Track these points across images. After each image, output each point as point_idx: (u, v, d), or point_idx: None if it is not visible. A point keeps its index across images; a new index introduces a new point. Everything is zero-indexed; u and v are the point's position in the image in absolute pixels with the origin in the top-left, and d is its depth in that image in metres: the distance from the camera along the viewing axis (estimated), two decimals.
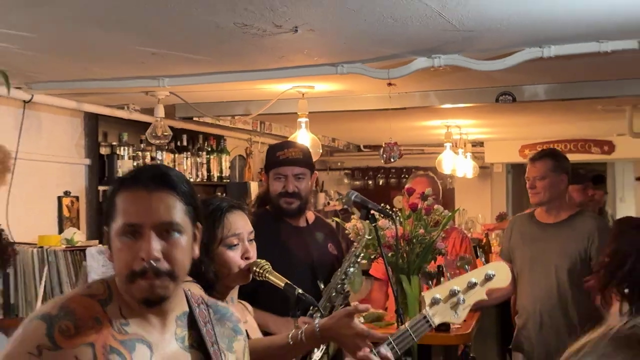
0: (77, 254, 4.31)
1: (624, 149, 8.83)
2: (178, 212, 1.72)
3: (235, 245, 2.45)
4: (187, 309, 1.90)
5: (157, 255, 1.66)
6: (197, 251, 1.84)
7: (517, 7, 2.80)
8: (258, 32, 3.17)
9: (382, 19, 2.95)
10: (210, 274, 2.47)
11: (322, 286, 3.32)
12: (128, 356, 1.69)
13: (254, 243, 2.82)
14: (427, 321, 2.47)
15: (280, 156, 3.79)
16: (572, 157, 9.28)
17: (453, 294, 2.53)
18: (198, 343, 1.88)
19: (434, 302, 2.51)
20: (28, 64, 3.85)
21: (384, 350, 2.38)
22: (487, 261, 6.24)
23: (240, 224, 2.72)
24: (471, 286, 2.57)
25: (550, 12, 2.87)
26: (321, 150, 5.36)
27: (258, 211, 3.63)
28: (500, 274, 2.66)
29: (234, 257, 2.66)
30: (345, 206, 4.80)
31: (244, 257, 2.69)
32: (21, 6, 2.79)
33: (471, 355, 4.50)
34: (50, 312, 1.66)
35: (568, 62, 3.64)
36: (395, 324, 3.61)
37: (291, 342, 2.54)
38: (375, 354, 2.35)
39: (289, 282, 2.85)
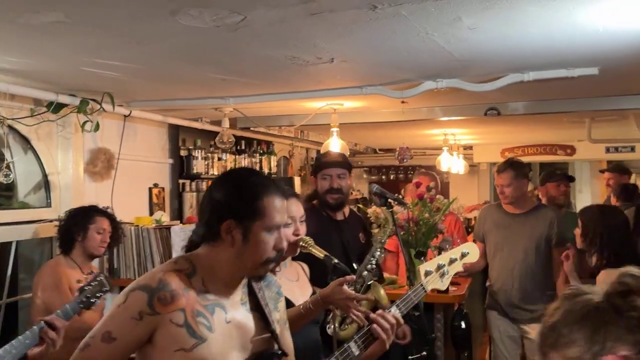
0: (163, 231, 4.42)
1: (583, 151, 8.79)
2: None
3: (289, 224, 2.36)
4: (246, 280, 1.91)
5: (285, 247, 1.83)
6: None
7: (503, 42, 2.79)
8: (302, 63, 3.20)
9: (398, 52, 2.97)
10: None
11: (356, 266, 3.27)
12: (210, 317, 1.70)
13: (304, 224, 2.81)
14: (423, 288, 2.47)
15: (327, 161, 3.76)
16: (542, 158, 9.49)
17: (440, 267, 2.54)
18: (256, 306, 1.89)
19: (427, 273, 2.51)
20: (129, 87, 3.89)
21: (394, 310, 2.28)
22: None
23: (294, 208, 2.69)
24: (452, 261, 2.59)
25: (529, 46, 2.86)
26: (348, 153, 5.31)
27: (307, 206, 3.62)
28: (472, 252, 2.69)
29: (288, 232, 2.65)
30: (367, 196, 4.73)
31: (295, 233, 2.67)
32: (132, 45, 2.80)
33: (464, 311, 4.48)
34: (150, 285, 1.65)
35: (542, 85, 3.62)
36: (406, 286, 3.79)
37: (303, 311, 2.52)
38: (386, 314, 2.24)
39: (327, 254, 2.86)
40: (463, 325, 4.45)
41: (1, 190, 3.85)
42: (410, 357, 3.45)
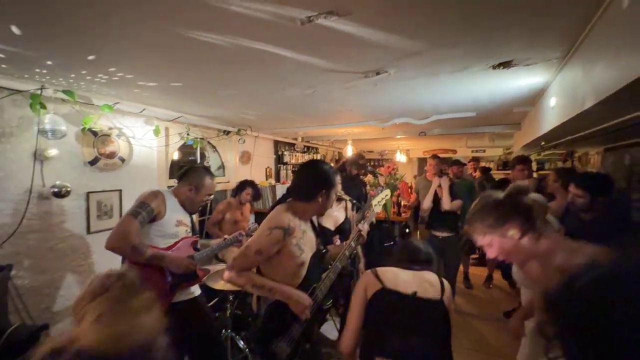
0: (272, 188, 4.41)
1: (460, 152, 8.32)
2: None
3: None
4: None
5: None
6: None
7: (433, 100, 2.64)
8: (339, 110, 3.11)
9: (383, 104, 2.84)
10: None
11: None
12: (303, 238, 1.51)
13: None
14: (373, 210, 2.09)
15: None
16: (441, 153, 9.18)
17: (378, 202, 2.17)
18: (313, 227, 1.64)
19: (374, 204, 2.15)
20: (258, 123, 3.86)
21: (361, 225, 1.81)
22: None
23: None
24: (383, 198, 2.23)
25: (445, 102, 2.73)
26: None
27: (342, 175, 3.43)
28: (388, 194, 2.28)
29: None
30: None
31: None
32: (261, 104, 2.72)
33: (407, 224, 4.40)
34: (284, 225, 1.44)
35: (452, 121, 3.43)
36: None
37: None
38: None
39: (350, 198, 2.78)
40: (407, 230, 4.46)
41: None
42: (385, 244, 3.44)
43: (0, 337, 1.53)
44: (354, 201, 2.59)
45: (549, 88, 2.21)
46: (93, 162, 2.44)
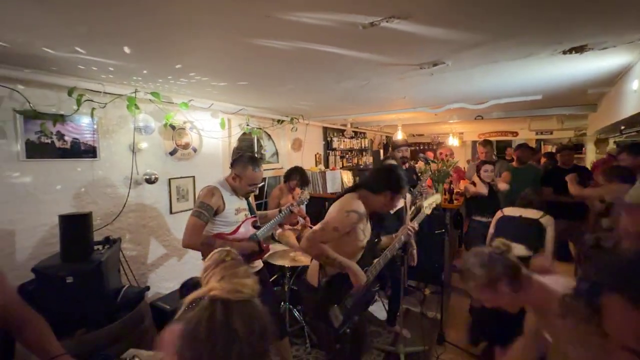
0: (322, 173, 4.48)
1: (522, 134, 7.69)
2: None
3: None
4: None
5: None
6: None
7: (489, 86, 2.53)
8: (392, 99, 3.09)
9: (436, 92, 2.78)
10: None
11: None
12: (367, 226, 1.67)
13: None
14: (424, 212, 2.11)
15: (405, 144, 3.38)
16: (498, 137, 8.53)
17: (429, 205, 2.14)
18: (370, 221, 1.77)
19: (425, 207, 2.15)
20: (310, 112, 3.98)
21: (411, 223, 1.94)
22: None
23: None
24: (434, 201, 2.18)
25: (502, 86, 2.59)
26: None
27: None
28: (437, 199, 2.22)
29: None
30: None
31: None
32: (314, 95, 2.87)
33: (460, 211, 4.25)
34: (358, 210, 1.59)
35: (513, 104, 3.22)
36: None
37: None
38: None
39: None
40: (459, 217, 4.31)
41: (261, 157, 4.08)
42: (436, 231, 3.41)
43: (118, 294, 1.94)
44: (411, 189, 2.64)
45: (632, 69, 1.99)
46: (172, 153, 2.82)
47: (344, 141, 5.75)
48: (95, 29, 1.31)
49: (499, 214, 2.67)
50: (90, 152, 2.25)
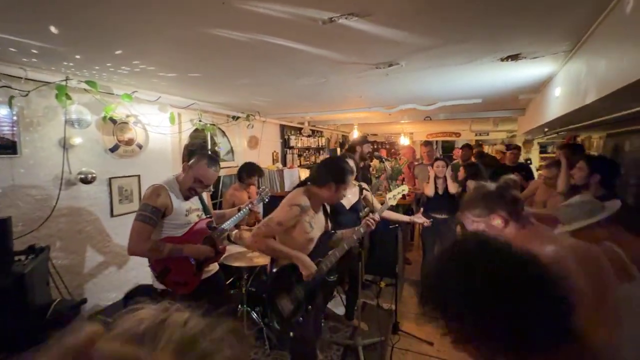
0: (279, 172, 4.43)
1: (464, 135, 8.33)
2: None
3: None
4: None
5: None
6: None
7: (437, 88, 2.70)
8: (349, 97, 3.13)
9: (390, 92, 2.89)
10: None
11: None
12: (315, 217, 1.74)
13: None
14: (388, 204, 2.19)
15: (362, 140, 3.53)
16: (443, 138, 9.15)
17: (394, 196, 2.24)
18: (325, 213, 1.86)
19: (389, 198, 2.24)
20: (267, 109, 3.90)
21: (372, 215, 1.95)
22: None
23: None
24: (400, 192, 2.30)
25: (449, 89, 2.78)
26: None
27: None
28: (405, 189, 2.35)
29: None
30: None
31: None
32: (273, 91, 2.81)
33: (412, 207, 4.48)
34: (301, 203, 1.65)
35: (457, 106, 3.46)
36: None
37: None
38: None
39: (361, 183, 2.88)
40: (410, 213, 4.57)
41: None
42: (390, 226, 3.56)
43: (47, 310, 1.70)
44: (363, 187, 2.72)
45: (555, 78, 2.27)
46: (113, 149, 2.54)
47: (301, 139, 5.72)
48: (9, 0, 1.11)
49: None
50: (8, 147, 1.93)
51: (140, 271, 2.68)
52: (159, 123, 2.91)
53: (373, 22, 1.30)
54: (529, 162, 5.36)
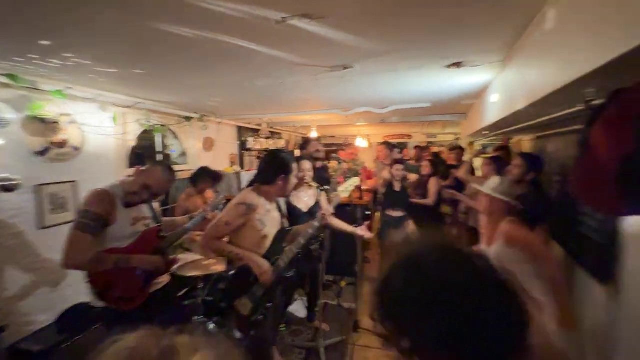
0: (237, 175, 4.36)
1: (415, 137, 8.82)
2: None
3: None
4: None
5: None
6: None
7: (391, 92, 2.80)
8: (305, 99, 3.15)
9: (346, 95, 2.95)
10: None
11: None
12: (267, 215, 1.74)
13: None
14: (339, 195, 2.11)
15: (314, 140, 3.44)
16: (398, 139, 9.61)
17: (346, 189, 2.14)
18: (278, 208, 1.85)
19: (341, 190, 2.12)
20: (222, 110, 3.77)
21: (325, 208, 1.96)
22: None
23: (307, 165, 2.50)
24: (352, 184, 2.22)
25: (401, 93, 2.89)
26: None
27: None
28: (356, 182, 2.28)
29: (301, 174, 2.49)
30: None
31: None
32: (227, 91, 2.72)
33: (369, 206, 4.61)
34: (247, 202, 1.66)
35: (409, 110, 3.62)
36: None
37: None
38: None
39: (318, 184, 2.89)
40: (368, 212, 4.69)
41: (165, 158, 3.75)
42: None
43: None
44: (322, 188, 2.72)
45: (492, 85, 2.50)
46: (43, 153, 2.26)
47: (259, 141, 5.62)
48: None
49: None
50: None
51: (77, 289, 2.39)
52: (99, 123, 2.65)
53: (326, 25, 1.32)
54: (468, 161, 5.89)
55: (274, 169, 1.73)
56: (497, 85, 2.34)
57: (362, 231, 2.32)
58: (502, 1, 1.18)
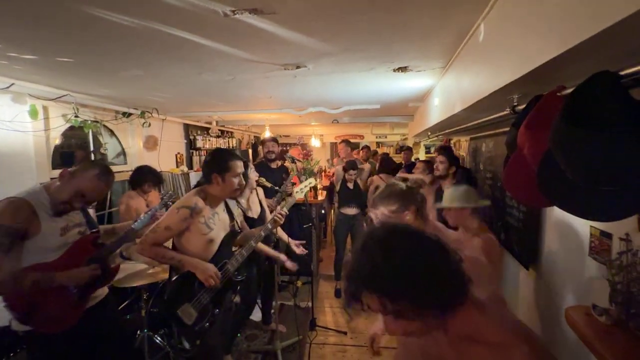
0: (185, 176, 4.13)
1: (366, 137, 9.07)
2: None
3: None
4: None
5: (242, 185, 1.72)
6: None
7: (344, 93, 2.86)
8: (258, 97, 3.09)
9: (300, 94, 2.95)
10: None
11: (278, 188, 2.96)
12: (213, 218, 1.68)
13: (256, 173, 2.57)
14: (294, 197, 2.16)
15: (267, 139, 3.45)
16: (352, 139, 9.89)
17: (301, 190, 2.25)
18: (227, 210, 1.83)
19: (295, 191, 2.22)
20: (167, 106, 3.53)
21: (279, 209, 1.96)
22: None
23: (252, 171, 2.49)
24: (307, 185, 2.31)
25: (353, 95, 2.99)
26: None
27: (259, 161, 3.46)
28: (312, 182, 2.35)
29: (252, 177, 2.48)
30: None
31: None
32: (171, 87, 2.57)
33: (324, 206, 4.67)
34: (190, 205, 1.59)
35: (360, 111, 3.71)
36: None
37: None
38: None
39: (271, 184, 2.87)
40: (323, 211, 4.77)
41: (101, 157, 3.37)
42: (304, 225, 3.66)
43: None
44: (275, 187, 2.70)
45: (434, 90, 2.69)
46: None
47: (209, 140, 5.37)
48: None
49: None
50: None
51: None
52: (12, 118, 2.28)
53: (277, 22, 1.30)
54: (417, 160, 6.30)
55: (208, 167, 1.67)
56: (438, 89, 2.53)
57: (284, 258, 2.25)
58: (442, 12, 1.27)
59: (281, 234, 2.47)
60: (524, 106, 1.16)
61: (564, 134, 0.66)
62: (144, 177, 2.81)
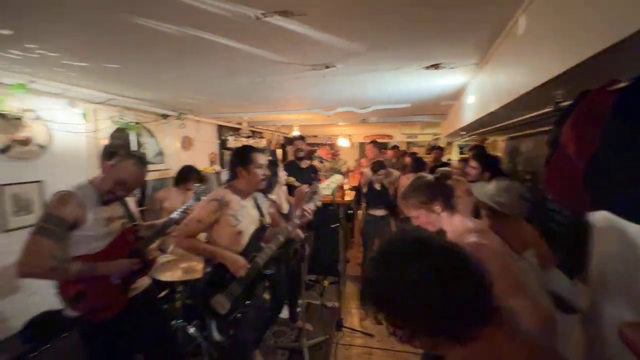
0: (217, 175, 4.28)
1: (396, 137, 8.90)
2: None
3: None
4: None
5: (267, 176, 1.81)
6: None
7: (374, 93, 2.81)
8: (287, 98, 3.12)
9: (328, 94, 2.94)
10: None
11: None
12: (241, 211, 1.73)
13: (285, 172, 2.66)
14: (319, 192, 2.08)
15: (295, 138, 3.53)
16: (380, 139, 9.73)
17: (328, 186, 2.22)
18: (256, 204, 1.86)
19: (322, 187, 2.14)
20: (201, 108, 3.68)
21: (306, 205, 1.96)
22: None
23: (281, 173, 2.58)
24: (330, 184, 2.26)
25: (381, 93, 2.93)
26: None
27: (289, 161, 3.50)
28: (338, 179, 2.34)
29: (281, 175, 2.61)
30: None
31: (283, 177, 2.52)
32: (206, 90, 2.65)
33: (351, 206, 4.65)
34: (218, 198, 1.67)
35: (389, 110, 3.66)
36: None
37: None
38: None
39: (299, 183, 2.89)
40: (350, 211, 4.76)
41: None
42: (331, 225, 3.65)
43: None
44: (296, 185, 2.70)
45: (468, 87, 2.58)
46: (4, 150, 2.11)
47: (240, 140, 5.53)
48: None
49: None
50: None
51: (43, 296, 2.25)
52: (68, 120, 2.51)
53: (307, 23, 1.31)
54: (450, 161, 6.06)
55: (233, 163, 1.78)
56: (473, 87, 2.41)
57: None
58: (478, 6, 1.21)
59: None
60: (568, 103, 1.07)
61: (618, 132, 0.60)
62: (189, 175, 3.00)
